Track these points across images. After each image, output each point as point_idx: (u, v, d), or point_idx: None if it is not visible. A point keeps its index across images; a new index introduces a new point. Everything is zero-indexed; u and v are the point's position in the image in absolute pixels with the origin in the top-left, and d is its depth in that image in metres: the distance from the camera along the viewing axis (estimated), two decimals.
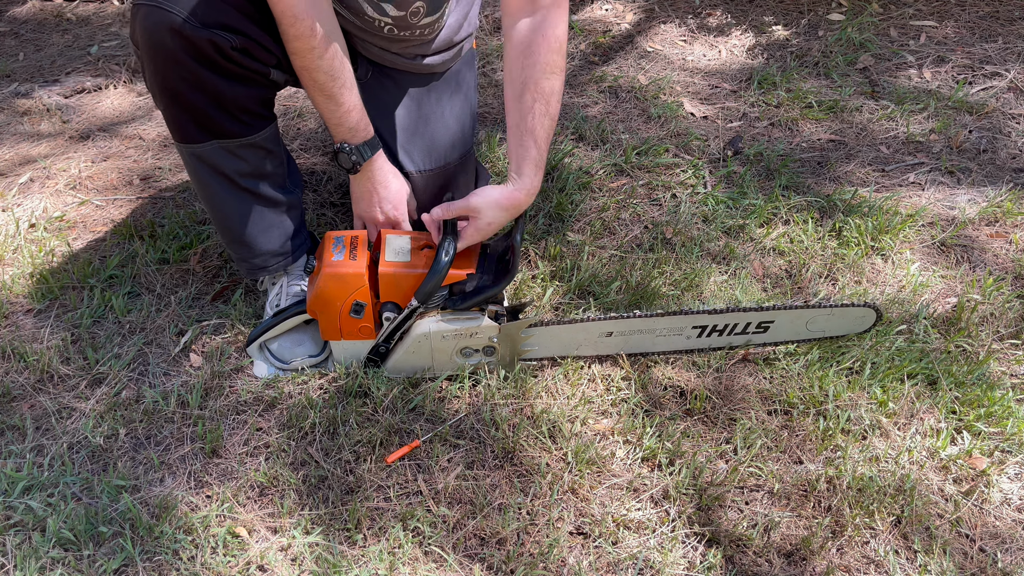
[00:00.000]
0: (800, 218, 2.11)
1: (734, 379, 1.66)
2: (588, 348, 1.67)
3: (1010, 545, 1.39)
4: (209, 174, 1.57)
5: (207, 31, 1.38)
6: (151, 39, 1.39)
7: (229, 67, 1.45)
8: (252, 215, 1.64)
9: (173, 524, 1.38)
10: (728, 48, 2.98)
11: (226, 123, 1.51)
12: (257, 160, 1.59)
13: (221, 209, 1.63)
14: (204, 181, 1.59)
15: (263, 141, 1.58)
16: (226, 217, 1.64)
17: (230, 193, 1.60)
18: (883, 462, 1.49)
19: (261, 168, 1.61)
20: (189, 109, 1.48)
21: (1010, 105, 2.58)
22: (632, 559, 1.35)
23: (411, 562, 1.34)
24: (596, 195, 2.20)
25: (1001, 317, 1.83)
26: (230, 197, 1.61)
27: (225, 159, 1.55)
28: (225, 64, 1.44)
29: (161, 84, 1.45)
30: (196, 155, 1.54)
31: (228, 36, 1.40)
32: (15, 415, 1.59)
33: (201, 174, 1.57)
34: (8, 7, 3.54)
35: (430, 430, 1.55)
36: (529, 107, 1.49)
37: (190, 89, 1.44)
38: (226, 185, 1.59)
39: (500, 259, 1.57)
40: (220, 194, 1.60)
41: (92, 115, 2.70)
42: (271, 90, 1.58)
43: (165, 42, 1.38)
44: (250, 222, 1.64)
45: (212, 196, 1.61)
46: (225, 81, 1.46)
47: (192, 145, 1.53)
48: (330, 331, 1.58)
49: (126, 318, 1.81)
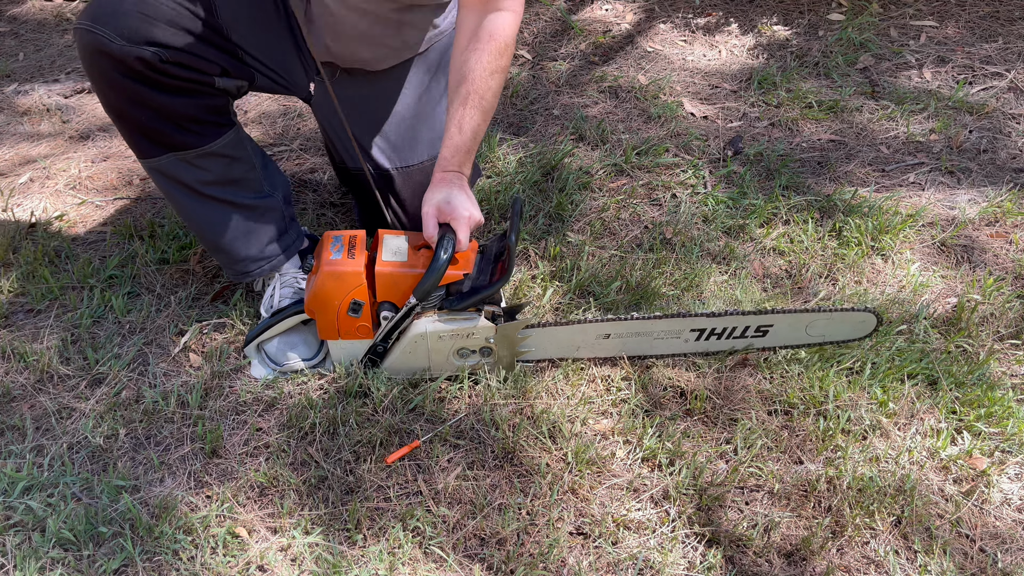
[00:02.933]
0: (800, 218, 2.11)
1: (734, 379, 1.66)
2: (586, 350, 1.67)
3: (1010, 545, 1.39)
4: (172, 186, 1.58)
5: (134, 47, 1.39)
6: (87, 60, 1.43)
7: (165, 81, 1.45)
8: (224, 222, 1.64)
9: (173, 524, 1.38)
10: (728, 48, 2.97)
11: (176, 135, 1.52)
12: (220, 168, 1.59)
13: (191, 219, 1.64)
14: (170, 193, 1.60)
15: (222, 149, 1.58)
16: (198, 227, 1.65)
17: (196, 203, 1.60)
18: (883, 462, 1.49)
19: (227, 175, 1.61)
20: (136, 126, 1.49)
21: (1010, 105, 2.58)
22: (632, 559, 1.35)
23: (411, 562, 1.34)
24: (596, 195, 2.20)
25: (1001, 317, 1.83)
26: (198, 207, 1.61)
27: (185, 170, 1.56)
28: (159, 79, 1.44)
29: (105, 103, 1.48)
30: (156, 169, 1.56)
31: (157, 51, 1.41)
32: (15, 415, 1.59)
33: (165, 187, 1.59)
34: (8, 7, 3.54)
35: (430, 430, 1.55)
36: (463, 95, 1.50)
37: (131, 106, 1.46)
38: (191, 195, 1.59)
39: (496, 259, 1.57)
40: (187, 205, 1.61)
41: (92, 115, 2.70)
42: (221, 98, 1.56)
43: (98, 63, 1.41)
44: (224, 229, 1.64)
45: (180, 208, 1.63)
46: (165, 95, 1.46)
47: (150, 160, 1.54)
48: (328, 330, 1.58)
49: (126, 318, 1.81)
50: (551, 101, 2.66)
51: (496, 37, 1.49)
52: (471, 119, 1.50)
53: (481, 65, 1.49)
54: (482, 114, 1.51)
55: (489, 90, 1.51)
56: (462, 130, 1.50)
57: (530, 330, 1.60)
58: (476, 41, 1.50)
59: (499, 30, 1.49)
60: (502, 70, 1.51)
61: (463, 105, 1.50)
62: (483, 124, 1.52)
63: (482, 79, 1.49)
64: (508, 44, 1.51)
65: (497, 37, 1.49)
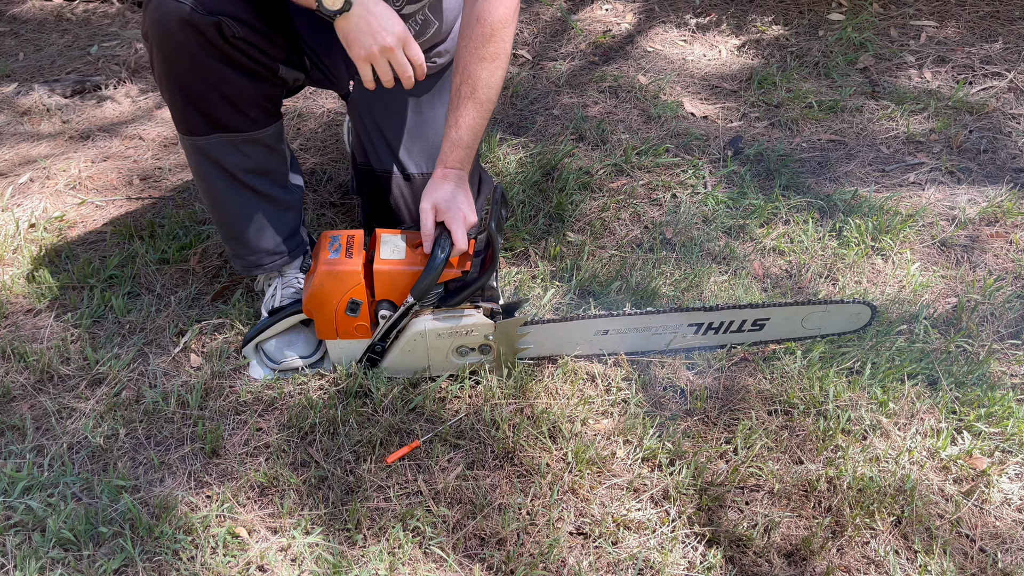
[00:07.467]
0: (800, 218, 2.11)
1: (734, 379, 1.66)
2: (585, 347, 1.67)
3: (1010, 545, 1.39)
4: (211, 167, 1.58)
5: (212, 17, 1.41)
6: (160, 29, 1.42)
7: (236, 56, 1.47)
8: (251, 212, 1.64)
9: (173, 524, 1.38)
10: (728, 48, 2.97)
11: (230, 116, 1.53)
12: (260, 156, 1.60)
13: (220, 204, 1.64)
14: (205, 175, 1.60)
15: (266, 138, 1.59)
16: (225, 212, 1.65)
17: (230, 188, 1.61)
18: (883, 462, 1.49)
19: (263, 165, 1.61)
20: (195, 100, 1.49)
21: (1010, 105, 2.58)
22: (632, 559, 1.35)
23: (411, 562, 1.34)
24: (596, 195, 2.20)
25: (1001, 317, 1.83)
26: (230, 192, 1.62)
27: (228, 153, 1.56)
28: (231, 53, 1.46)
29: (169, 74, 1.47)
30: (199, 148, 1.55)
31: (233, 24, 1.43)
32: (15, 415, 1.59)
33: (203, 167, 1.59)
34: (8, 7, 3.54)
35: (430, 430, 1.55)
36: (456, 88, 1.50)
37: (198, 80, 1.47)
38: (227, 180, 1.60)
39: (483, 251, 1.56)
40: (220, 188, 1.61)
41: (92, 115, 2.70)
42: (279, 88, 1.60)
43: (174, 32, 1.41)
44: (248, 219, 1.64)
45: (212, 190, 1.62)
46: (233, 71, 1.48)
47: (196, 137, 1.54)
48: (326, 330, 1.58)
49: (126, 318, 1.81)
50: (551, 101, 2.66)
51: (482, 21, 1.47)
52: (466, 114, 1.50)
53: (467, 53, 1.48)
54: (476, 106, 1.50)
55: (480, 79, 1.48)
56: (457, 125, 1.50)
57: (529, 327, 1.60)
58: (465, 27, 1.50)
59: (485, 13, 1.47)
60: (491, 57, 1.48)
61: (456, 98, 1.50)
62: (479, 118, 1.51)
63: (472, 68, 1.48)
64: (495, 28, 1.47)
65: (483, 21, 1.47)
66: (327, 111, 2.68)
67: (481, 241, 1.54)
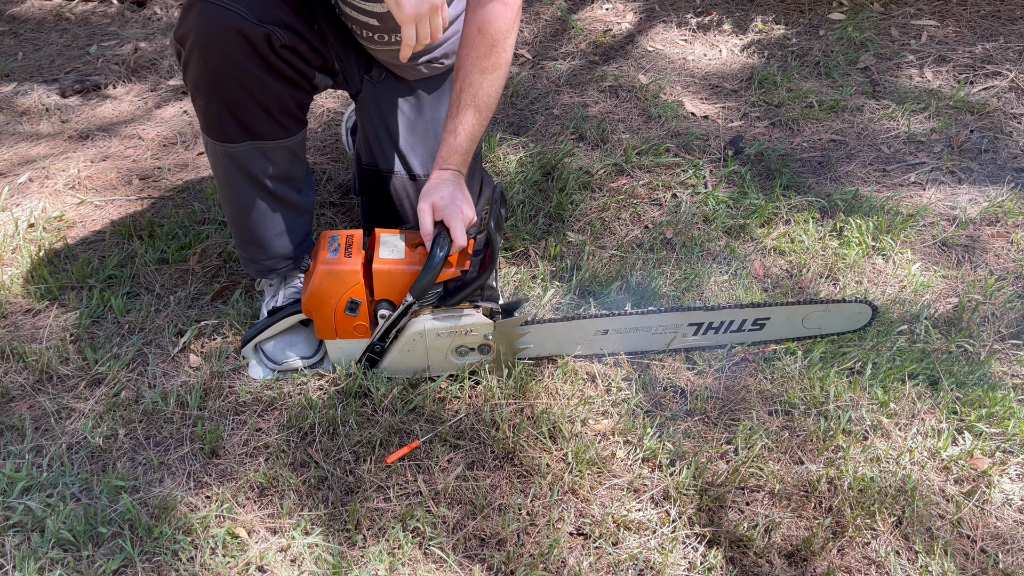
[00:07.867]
0: (801, 218, 2.11)
1: (735, 379, 1.66)
2: (585, 346, 1.67)
3: (1011, 546, 1.39)
4: (238, 175, 1.58)
5: (264, 27, 1.41)
6: (204, 36, 1.41)
7: (279, 65, 1.47)
8: (271, 217, 1.65)
9: (172, 525, 1.37)
10: (728, 48, 2.97)
11: (264, 123, 1.53)
12: (285, 163, 1.61)
13: (244, 209, 1.64)
14: (233, 182, 1.60)
15: (294, 145, 1.60)
16: (246, 218, 1.65)
17: (255, 194, 1.61)
18: (884, 463, 1.49)
19: (287, 171, 1.62)
20: (232, 107, 1.49)
21: (1011, 105, 2.57)
22: (632, 560, 1.35)
23: (411, 563, 1.34)
24: (596, 195, 2.20)
25: (1002, 317, 1.82)
26: (255, 198, 1.62)
27: (256, 160, 1.56)
28: (276, 62, 1.46)
29: (208, 81, 1.46)
30: (231, 155, 1.56)
31: (280, 32, 1.43)
32: (14, 415, 1.59)
33: (231, 174, 1.58)
34: (7, 6, 3.54)
35: (430, 430, 1.55)
36: (456, 96, 1.52)
37: (238, 87, 1.46)
38: (252, 185, 1.60)
39: (483, 250, 1.56)
40: (245, 194, 1.61)
41: (91, 115, 2.70)
42: (311, 95, 1.60)
43: (221, 39, 1.40)
44: (268, 224, 1.65)
45: (237, 196, 1.62)
46: (274, 80, 1.48)
47: (228, 144, 1.54)
48: (325, 330, 1.58)
49: (125, 318, 1.81)
50: (551, 101, 2.66)
51: (484, 32, 1.49)
52: (465, 121, 1.51)
53: (469, 63, 1.50)
54: (477, 113, 1.52)
55: (481, 89, 1.51)
56: (456, 132, 1.52)
57: (529, 326, 1.59)
58: (467, 37, 1.51)
59: (489, 24, 1.48)
60: (493, 68, 1.51)
61: (456, 105, 1.52)
62: (479, 124, 1.53)
63: (473, 78, 1.50)
64: (498, 39, 1.50)
65: (485, 32, 1.49)
66: (327, 111, 2.67)
67: (480, 240, 1.54)
